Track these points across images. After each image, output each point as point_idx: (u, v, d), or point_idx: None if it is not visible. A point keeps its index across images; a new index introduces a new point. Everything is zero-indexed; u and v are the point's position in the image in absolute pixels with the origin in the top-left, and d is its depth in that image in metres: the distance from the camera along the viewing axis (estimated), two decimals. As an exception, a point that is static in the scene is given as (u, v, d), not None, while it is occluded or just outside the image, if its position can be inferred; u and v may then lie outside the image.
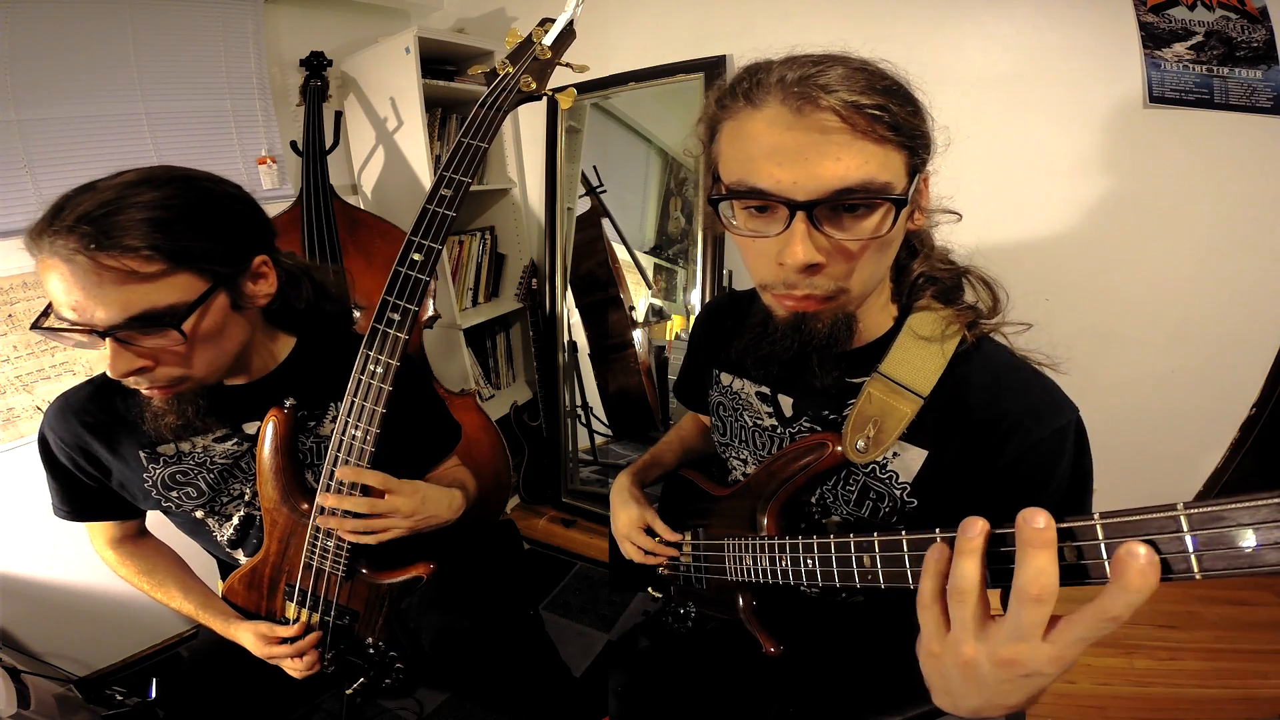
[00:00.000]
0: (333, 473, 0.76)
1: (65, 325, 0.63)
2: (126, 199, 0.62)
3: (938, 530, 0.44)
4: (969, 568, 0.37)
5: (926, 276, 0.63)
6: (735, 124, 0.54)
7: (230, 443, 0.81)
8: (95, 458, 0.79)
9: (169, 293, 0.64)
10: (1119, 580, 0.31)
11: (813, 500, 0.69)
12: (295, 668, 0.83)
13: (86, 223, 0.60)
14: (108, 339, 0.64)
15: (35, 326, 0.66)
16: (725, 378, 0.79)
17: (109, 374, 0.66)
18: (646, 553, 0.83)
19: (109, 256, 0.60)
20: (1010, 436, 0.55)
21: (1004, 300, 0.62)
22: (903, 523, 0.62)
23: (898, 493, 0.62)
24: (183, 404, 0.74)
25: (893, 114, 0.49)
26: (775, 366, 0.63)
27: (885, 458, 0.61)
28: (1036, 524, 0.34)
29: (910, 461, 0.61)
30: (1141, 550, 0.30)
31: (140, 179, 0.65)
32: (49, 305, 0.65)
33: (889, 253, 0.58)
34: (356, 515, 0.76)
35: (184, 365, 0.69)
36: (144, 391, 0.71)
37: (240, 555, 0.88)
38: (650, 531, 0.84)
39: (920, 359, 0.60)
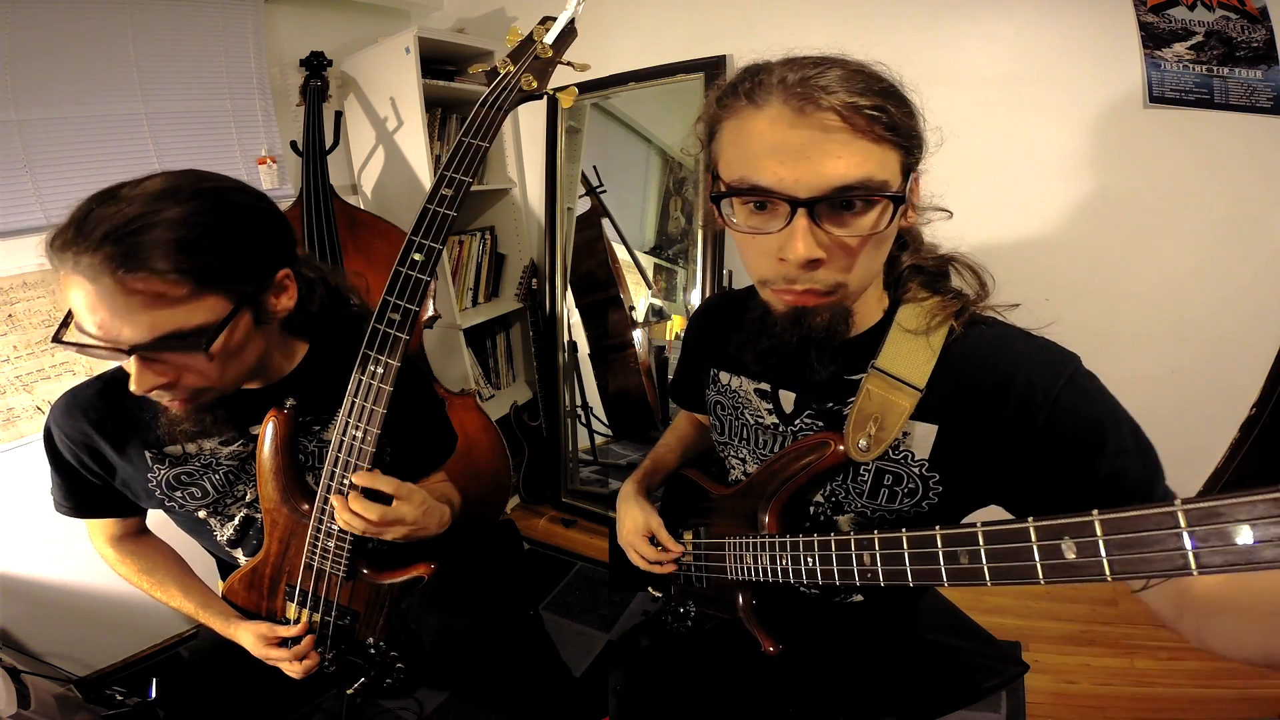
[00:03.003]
0: (333, 473, 0.76)
1: (90, 340, 0.62)
2: (150, 216, 0.61)
3: (937, 528, 0.44)
4: None
5: (913, 267, 0.64)
6: (737, 122, 0.55)
7: (236, 444, 0.81)
8: (101, 455, 0.79)
9: (195, 314, 0.64)
10: None
11: (820, 498, 0.69)
12: (294, 670, 0.83)
13: (112, 242, 0.58)
14: (132, 356, 0.63)
15: (57, 339, 0.65)
16: (724, 376, 0.79)
17: (133, 390, 0.65)
18: (651, 561, 0.83)
19: (137, 279, 0.59)
20: (1029, 398, 0.55)
21: (991, 284, 0.63)
22: (930, 503, 0.62)
23: (916, 470, 0.62)
24: (200, 412, 0.74)
25: (890, 115, 0.51)
26: (775, 360, 0.64)
27: (898, 438, 0.61)
28: None
29: (923, 438, 0.61)
30: None
31: (165, 190, 0.63)
32: (68, 315, 0.64)
33: (884, 249, 0.59)
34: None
35: (206, 380, 0.70)
36: (164, 403, 0.71)
37: (239, 555, 0.88)
38: (655, 539, 0.84)
39: (911, 352, 0.60)
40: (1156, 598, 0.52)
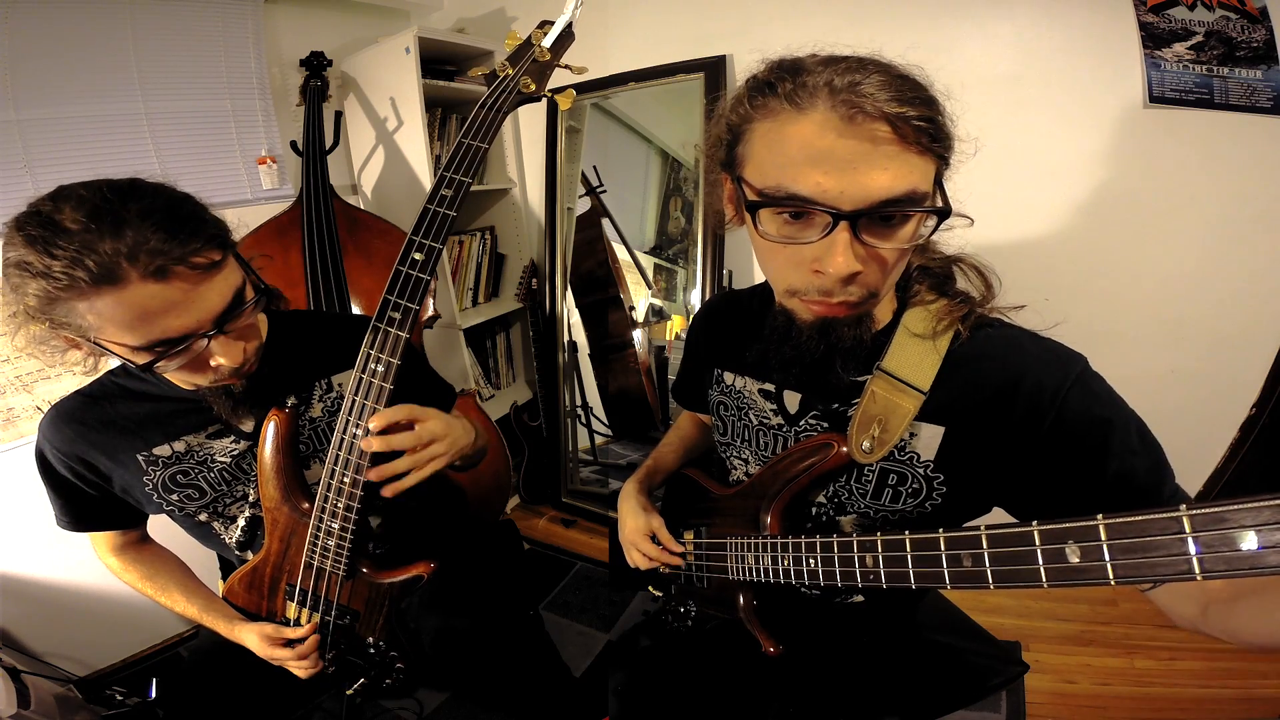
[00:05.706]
0: (334, 471, 0.76)
1: (176, 345, 0.64)
2: (143, 203, 0.61)
3: (940, 530, 0.44)
4: None
5: (921, 268, 0.64)
6: (773, 125, 0.52)
7: (227, 440, 0.81)
8: (94, 466, 0.79)
9: (234, 275, 0.69)
10: None
11: (823, 499, 0.69)
12: (299, 669, 0.83)
13: (153, 226, 0.60)
14: (216, 337, 0.67)
15: (147, 368, 0.66)
16: (728, 376, 0.79)
17: (228, 365, 0.69)
18: (651, 559, 0.83)
19: (198, 256, 0.63)
20: (1036, 399, 0.55)
21: (997, 285, 0.62)
22: (933, 504, 0.62)
23: (921, 471, 0.61)
24: (253, 380, 0.77)
25: (937, 125, 0.49)
26: (798, 369, 0.63)
27: (903, 439, 0.61)
28: None
29: (929, 440, 0.60)
30: None
31: (120, 191, 0.62)
32: (85, 343, 0.64)
33: (908, 255, 0.58)
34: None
35: (257, 337, 0.75)
36: (229, 381, 0.74)
37: (251, 557, 0.88)
38: (655, 539, 0.84)
39: (916, 355, 0.60)
40: (1171, 595, 0.50)
